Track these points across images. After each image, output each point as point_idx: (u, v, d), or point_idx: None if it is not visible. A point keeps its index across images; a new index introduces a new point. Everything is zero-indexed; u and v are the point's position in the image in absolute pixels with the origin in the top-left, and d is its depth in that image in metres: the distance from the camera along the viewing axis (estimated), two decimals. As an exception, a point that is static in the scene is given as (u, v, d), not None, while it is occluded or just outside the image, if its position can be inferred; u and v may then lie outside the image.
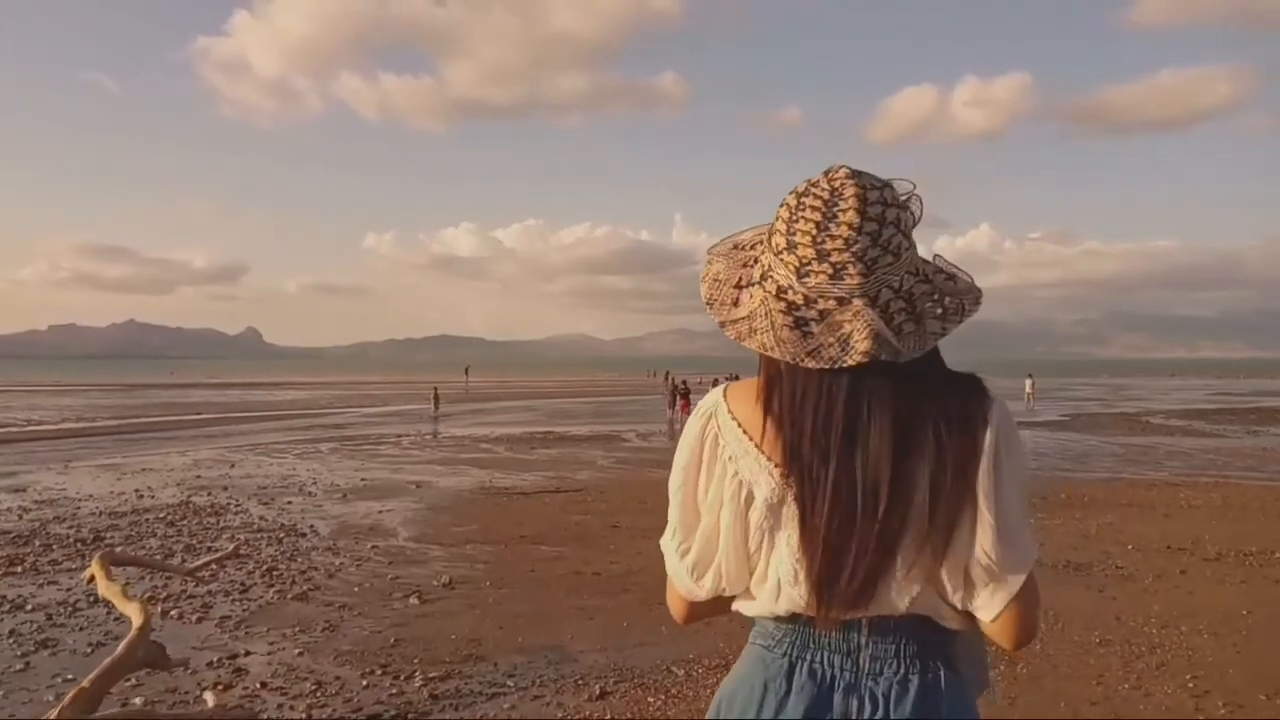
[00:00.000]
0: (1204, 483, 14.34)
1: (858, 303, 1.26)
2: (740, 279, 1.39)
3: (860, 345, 1.25)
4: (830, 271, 1.27)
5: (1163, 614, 6.46)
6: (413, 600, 7.12)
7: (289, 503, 12.49)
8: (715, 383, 34.26)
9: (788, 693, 1.34)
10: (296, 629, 6.38)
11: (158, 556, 8.82)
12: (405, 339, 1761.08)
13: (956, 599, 1.31)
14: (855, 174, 1.30)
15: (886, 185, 1.31)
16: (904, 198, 1.32)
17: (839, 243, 1.26)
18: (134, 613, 4.75)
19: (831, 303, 1.27)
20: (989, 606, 1.30)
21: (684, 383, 32.85)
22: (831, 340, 1.27)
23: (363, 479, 15.15)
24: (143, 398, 49.32)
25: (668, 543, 1.45)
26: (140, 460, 18.33)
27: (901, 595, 1.30)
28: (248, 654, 5.85)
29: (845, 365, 1.26)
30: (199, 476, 15.51)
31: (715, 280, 1.42)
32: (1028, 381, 41.96)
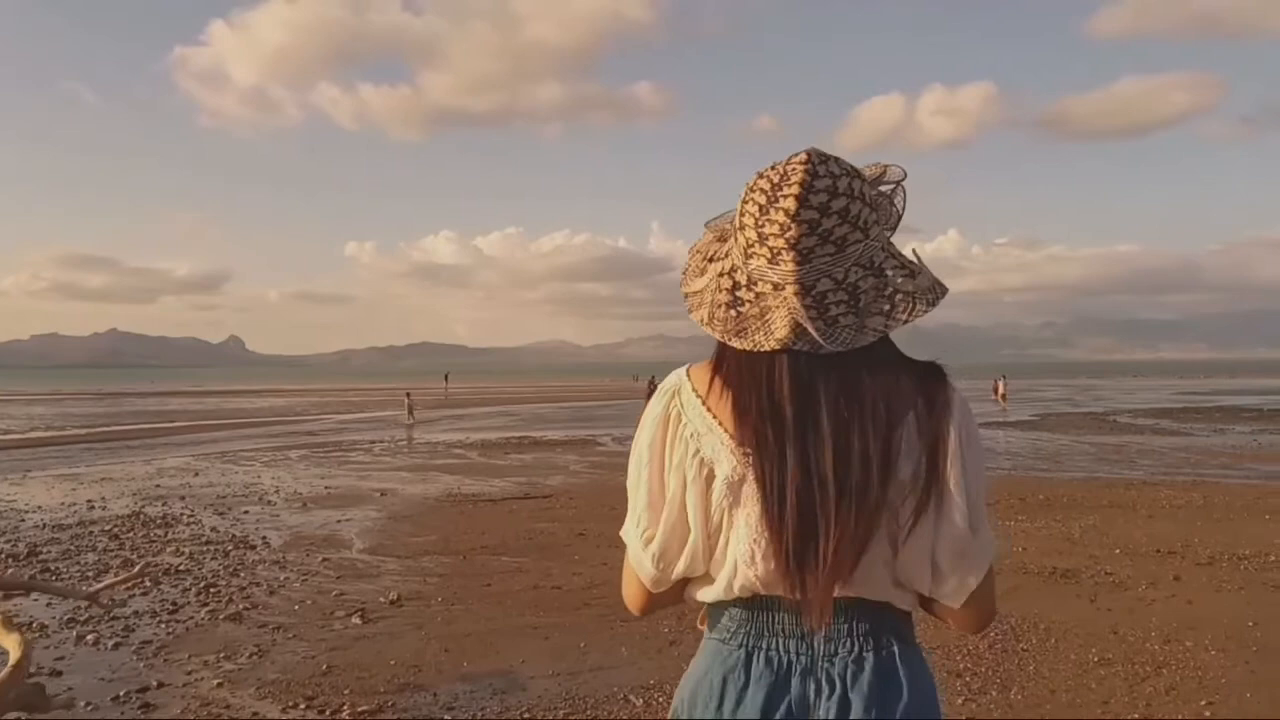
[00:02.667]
0: (1181, 482, 13.82)
1: (789, 290, 1.25)
2: (713, 253, 1.39)
3: (777, 333, 1.26)
4: (768, 255, 1.27)
5: (1163, 627, 5.85)
6: (355, 620, 6.42)
7: (245, 512, 11.76)
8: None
9: (747, 683, 1.31)
10: (222, 654, 5.67)
11: (90, 573, 8.10)
12: (388, 346, 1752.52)
13: (922, 585, 1.30)
14: (812, 160, 1.26)
15: (845, 175, 1.26)
16: (865, 189, 1.27)
17: (775, 228, 1.25)
18: (12, 645, 4.06)
19: (768, 286, 1.28)
20: (957, 593, 1.29)
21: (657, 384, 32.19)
22: (759, 324, 1.28)
23: (327, 487, 14.42)
24: (117, 406, 48.13)
25: (630, 530, 1.40)
26: (101, 470, 17.50)
27: (859, 580, 1.27)
28: (160, 686, 5.15)
29: (764, 350, 1.27)
30: (158, 486, 14.72)
31: (695, 251, 1.44)
32: (1000, 382, 41.76)
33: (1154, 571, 7.45)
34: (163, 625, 6.39)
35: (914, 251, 1.33)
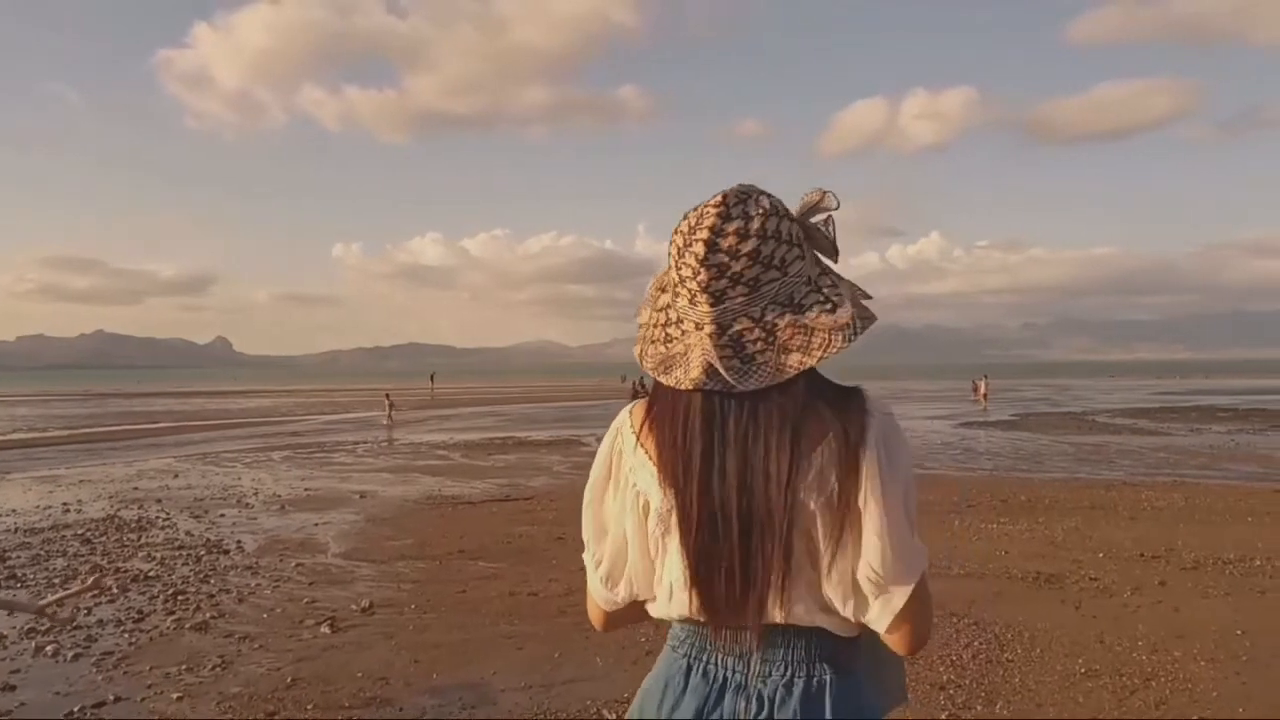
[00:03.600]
0: (1162, 482, 13.70)
1: (706, 329, 1.29)
2: (666, 283, 1.40)
3: (692, 372, 1.30)
4: (688, 296, 1.31)
5: (1150, 635, 5.65)
6: (324, 629, 6.17)
7: (222, 515, 11.48)
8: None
9: (683, 692, 1.36)
10: (184, 666, 5.42)
11: (58, 579, 7.82)
12: (375, 347, 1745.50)
13: (848, 611, 1.30)
14: (725, 203, 1.29)
15: (760, 215, 1.28)
16: (784, 227, 1.29)
17: (689, 271, 1.29)
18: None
19: (690, 325, 1.33)
20: (880, 618, 1.30)
21: (643, 386, 32.09)
22: (681, 361, 1.33)
23: (307, 489, 14.14)
24: (101, 407, 47.56)
25: (586, 555, 1.48)
26: (81, 472, 17.17)
27: (783, 607, 1.30)
28: (117, 700, 4.90)
29: (683, 387, 1.31)
30: (136, 488, 14.40)
31: (654, 280, 1.46)
32: (982, 382, 41.88)
33: (1138, 576, 7.28)
34: (126, 635, 6.14)
35: (836, 283, 1.33)
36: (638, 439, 1.39)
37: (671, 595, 1.37)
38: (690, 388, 1.30)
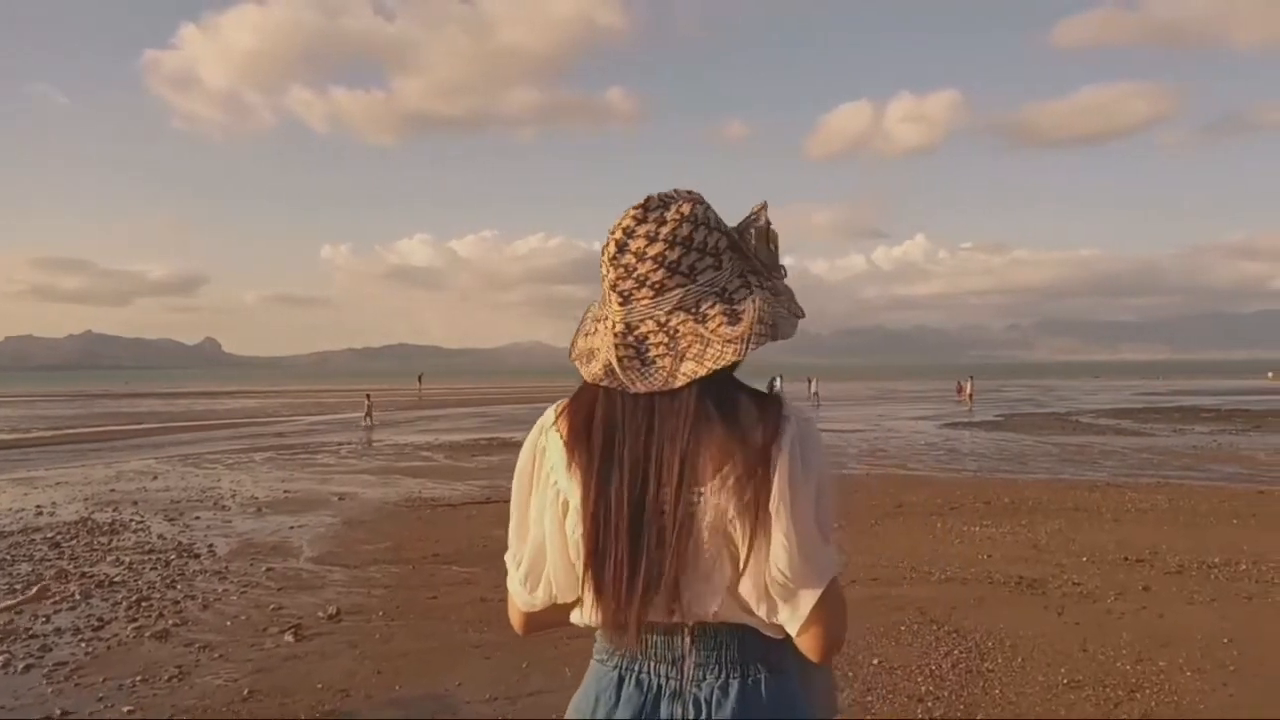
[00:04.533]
0: (1145, 483, 13.57)
1: (613, 328, 1.33)
2: None
3: (594, 368, 1.34)
4: (605, 293, 1.36)
5: (1134, 644, 5.47)
6: (287, 637, 5.95)
7: (197, 518, 11.23)
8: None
9: (616, 704, 1.35)
10: (140, 677, 5.20)
11: (19, 585, 7.56)
12: (364, 348, 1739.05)
13: (761, 612, 1.30)
14: (643, 207, 1.31)
15: (674, 222, 1.29)
16: (698, 235, 1.30)
17: (603, 269, 1.34)
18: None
19: (606, 322, 1.36)
20: (790, 621, 1.30)
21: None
22: (595, 356, 1.36)
23: (286, 491, 13.89)
24: (87, 408, 47.06)
25: (507, 555, 1.45)
26: (60, 473, 16.86)
27: (702, 606, 1.30)
28: (63, 714, 4.67)
29: (589, 382, 1.35)
30: (113, 490, 14.13)
31: None
32: (968, 383, 41.92)
33: (1122, 581, 7.11)
34: (84, 644, 5.91)
35: (755, 295, 1.31)
36: (560, 435, 1.37)
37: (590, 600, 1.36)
38: (590, 381, 1.34)
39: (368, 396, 34.53)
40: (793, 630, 1.31)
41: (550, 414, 1.42)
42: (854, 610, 5.00)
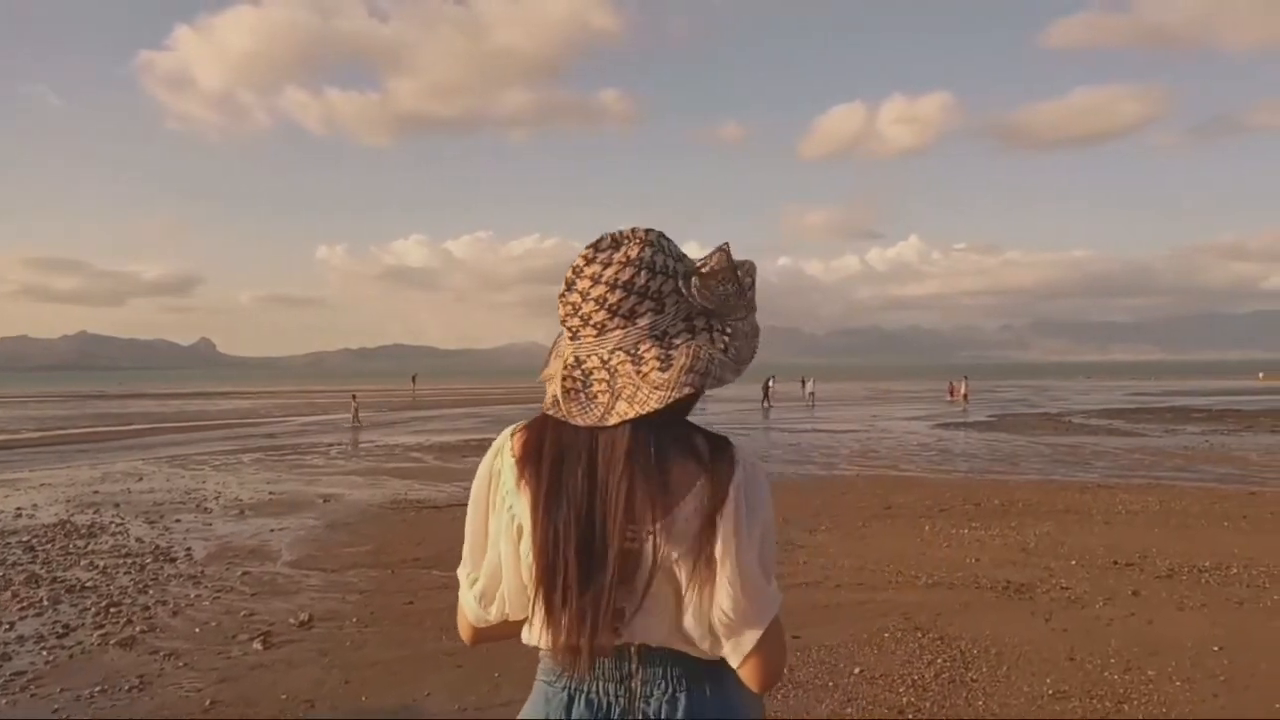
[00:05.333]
0: (1137, 485, 13.44)
1: (565, 359, 1.36)
2: None
3: (546, 399, 1.38)
4: (560, 329, 1.42)
5: (1123, 651, 5.32)
6: (256, 645, 5.78)
7: (177, 521, 11.05)
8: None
9: None
10: (99, 688, 5.03)
11: (-12, 590, 7.40)
12: (360, 349, 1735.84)
13: (704, 646, 1.34)
14: (593, 247, 1.35)
15: (618, 265, 1.32)
16: (640, 280, 1.31)
17: (558, 303, 1.38)
18: None
19: (561, 355, 1.39)
20: (734, 655, 1.34)
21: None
22: (552, 381, 1.39)
23: (271, 492, 13.71)
24: (78, 409, 46.75)
25: (460, 571, 1.47)
26: (45, 474, 16.66)
27: (646, 637, 1.34)
28: (17, 728, 4.53)
29: (544, 412, 1.38)
30: (96, 492, 13.94)
31: None
32: (963, 383, 41.87)
33: (1111, 586, 6.96)
34: (46, 652, 5.73)
35: (697, 340, 1.33)
36: (515, 460, 1.39)
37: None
38: (544, 412, 1.37)
39: (354, 397, 34.25)
40: (735, 664, 1.34)
41: (505, 436, 1.44)
42: (838, 616, 4.83)
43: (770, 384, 43.53)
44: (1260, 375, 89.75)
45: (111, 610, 6.70)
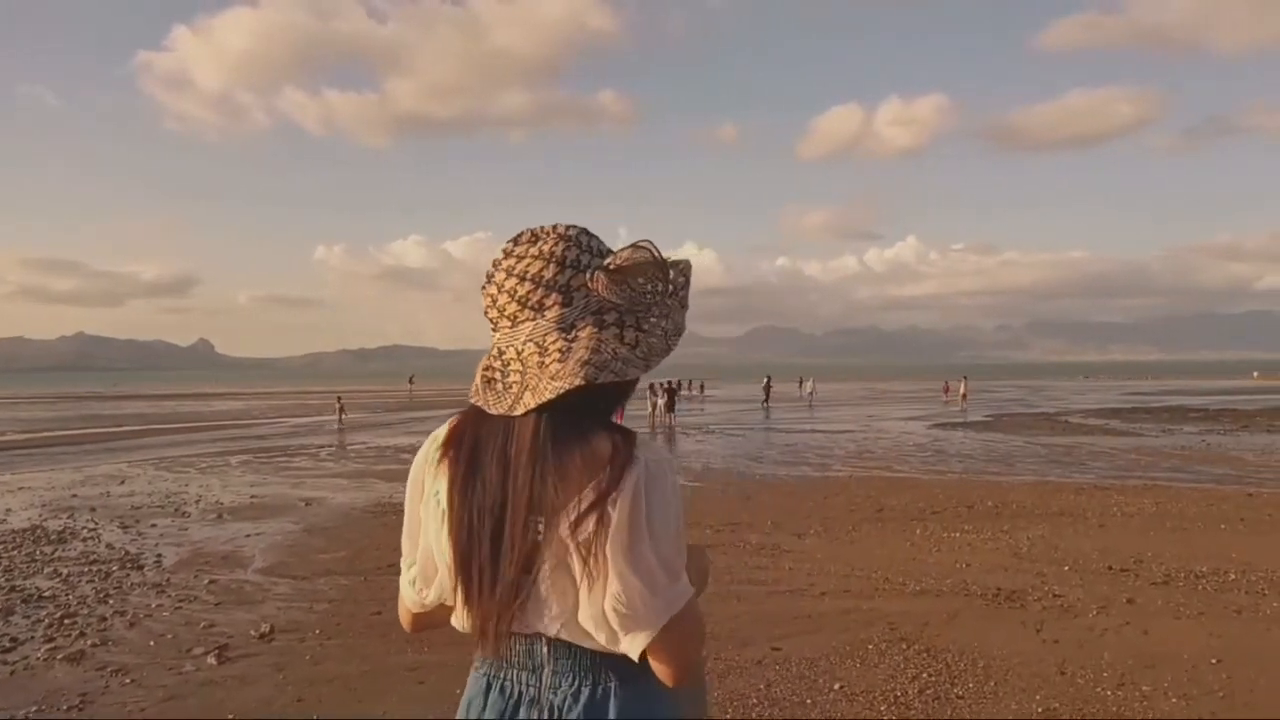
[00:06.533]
0: (1133, 486, 13.19)
1: (490, 353, 1.42)
2: None
3: (470, 390, 1.42)
4: None
5: (1117, 665, 5.05)
6: (210, 660, 5.50)
7: (153, 525, 10.77)
8: (652, 387, 33.01)
9: (483, 709, 1.42)
10: (36, 708, 4.75)
11: (-57, 600, 7.12)
12: (358, 349, 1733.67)
13: (602, 640, 1.34)
14: (512, 241, 1.41)
15: (528, 259, 1.36)
16: (546, 273, 1.35)
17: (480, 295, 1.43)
18: None
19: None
20: (630, 649, 1.34)
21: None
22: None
23: (254, 496, 13.43)
24: (70, 410, 46.40)
25: (403, 560, 1.50)
26: (25, 477, 16.37)
27: (545, 628, 1.37)
28: (-58, 753, 4.26)
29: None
30: (75, 495, 13.65)
31: None
32: (962, 383, 41.77)
33: (1106, 593, 6.70)
34: (-12, 667, 5.47)
35: (603, 334, 1.34)
36: (439, 447, 1.43)
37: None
38: (469, 398, 1.41)
39: (338, 399, 33.93)
40: (634, 657, 1.34)
41: (444, 428, 1.46)
42: (821, 626, 4.53)
43: (767, 383, 43.75)
44: (1255, 374, 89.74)
45: (66, 622, 6.43)
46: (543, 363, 1.33)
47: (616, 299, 1.36)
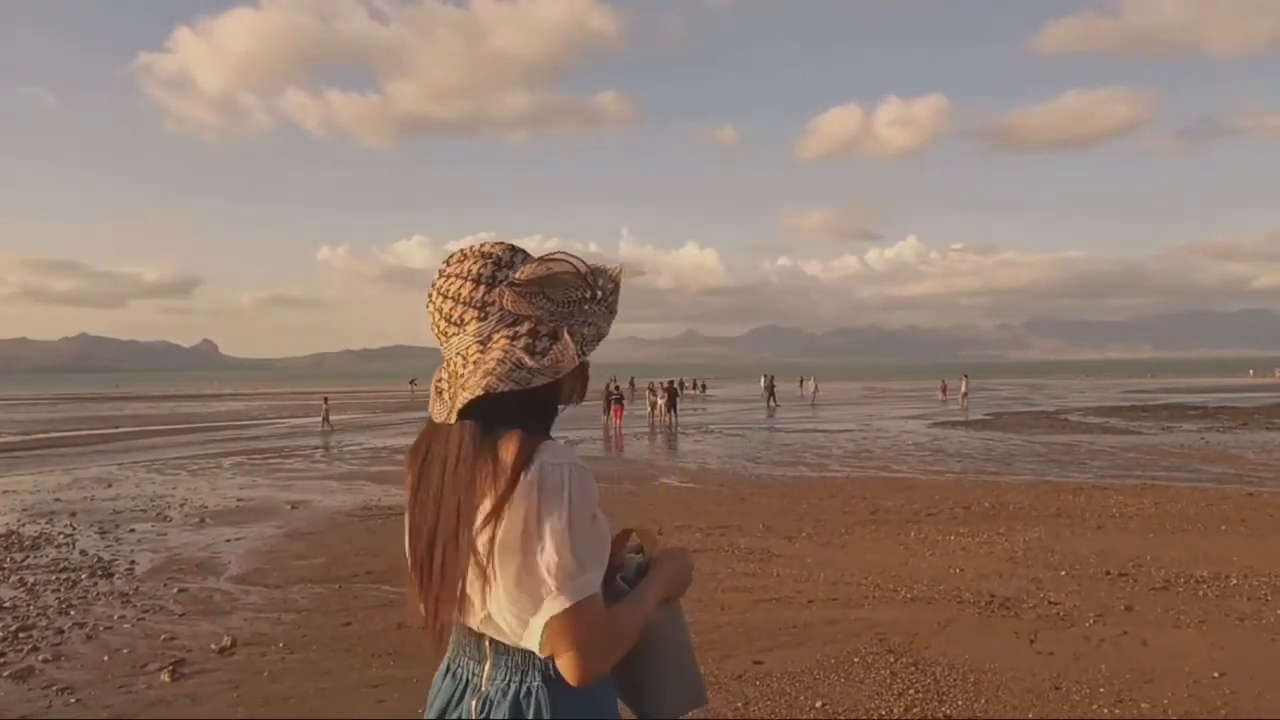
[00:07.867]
0: (1131, 485, 12.89)
1: (444, 364, 1.52)
2: None
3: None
4: None
5: (1114, 679, 4.76)
6: (163, 677, 5.20)
7: (131, 531, 10.50)
8: (651, 387, 32.71)
9: (438, 691, 1.53)
10: (-26, 730, 4.50)
11: (-99, 611, 6.84)
12: (362, 350, 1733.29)
13: (512, 636, 1.43)
14: (448, 259, 1.50)
15: (452, 276, 1.47)
16: (464, 291, 1.45)
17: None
18: None
19: None
20: (530, 647, 1.41)
21: (618, 388, 31.45)
22: None
23: (240, 499, 13.15)
24: (67, 411, 46.13)
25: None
26: (12, 480, 16.12)
27: (463, 618, 1.48)
28: None
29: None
30: (58, 499, 13.38)
31: None
32: (963, 381, 41.53)
33: (1103, 600, 6.41)
34: (-69, 685, 5.19)
35: (514, 347, 1.42)
36: (407, 459, 1.58)
37: None
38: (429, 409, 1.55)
39: (325, 400, 33.55)
40: (542, 655, 1.40)
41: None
42: (806, 637, 4.19)
43: (767, 382, 43.55)
44: (1251, 372, 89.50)
45: (21, 635, 6.14)
46: (462, 374, 1.45)
47: (529, 311, 1.43)
